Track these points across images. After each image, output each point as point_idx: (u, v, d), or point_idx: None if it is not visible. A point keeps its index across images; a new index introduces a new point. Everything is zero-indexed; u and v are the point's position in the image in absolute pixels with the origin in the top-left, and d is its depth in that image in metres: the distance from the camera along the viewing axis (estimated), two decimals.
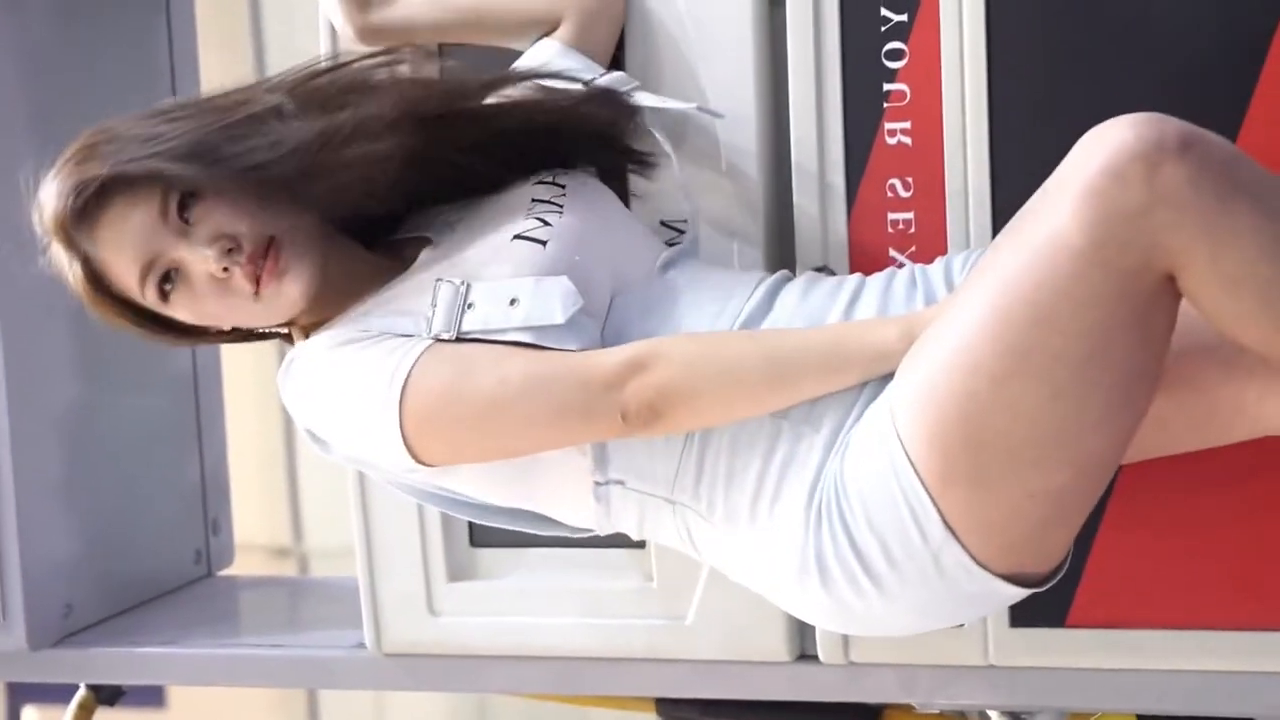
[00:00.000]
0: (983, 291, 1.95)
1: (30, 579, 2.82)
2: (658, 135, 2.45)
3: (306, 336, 2.28)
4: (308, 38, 2.72)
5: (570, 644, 2.71)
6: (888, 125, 2.51)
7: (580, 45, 2.49)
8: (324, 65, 2.32)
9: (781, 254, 2.56)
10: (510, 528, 2.40)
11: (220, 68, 3.50)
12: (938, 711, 2.80)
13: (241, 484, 3.08)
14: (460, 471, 2.20)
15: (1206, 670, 2.52)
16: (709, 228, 2.55)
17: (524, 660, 2.78)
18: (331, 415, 2.19)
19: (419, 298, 2.17)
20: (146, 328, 2.30)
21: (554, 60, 2.45)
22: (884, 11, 2.50)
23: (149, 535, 3.10)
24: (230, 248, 2.17)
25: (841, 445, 2.07)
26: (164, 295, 2.21)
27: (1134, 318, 1.93)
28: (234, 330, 2.35)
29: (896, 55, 2.50)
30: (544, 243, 2.18)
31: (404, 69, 2.35)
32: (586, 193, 2.33)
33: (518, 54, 2.53)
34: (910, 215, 2.49)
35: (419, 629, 2.77)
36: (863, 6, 2.51)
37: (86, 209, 2.17)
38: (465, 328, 2.10)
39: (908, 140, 2.51)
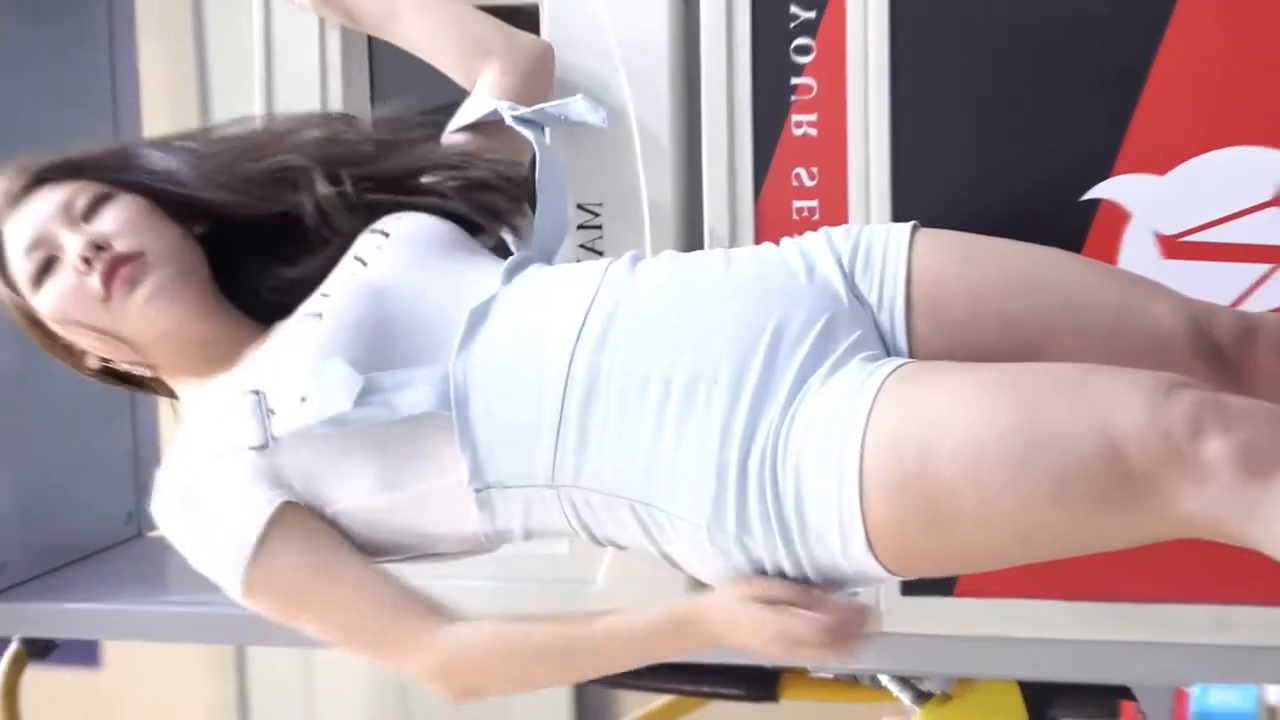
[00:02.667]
0: (1017, 408, 1.95)
1: None
2: (529, 135, 2.40)
3: (174, 394, 2.31)
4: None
5: (485, 607, 2.68)
6: (795, 117, 2.53)
7: (507, 90, 2.46)
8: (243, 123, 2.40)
9: (691, 240, 2.58)
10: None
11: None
12: (831, 675, 2.81)
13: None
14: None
15: (1085, 640, 2.55)
16: (624, 213, 2.56)
17: None
18: (194, 560, 2.21)
19: (239, 406, 2.14)
20: (29, 325, 2.29)
21: (469, 113, 2.45)
22: (793, 9, 2.51)
23: (82, 497, 3.10)
24: (100, 246, 2.18)
25: (779, 404, 2.04)
26: (37, 280, 2.21)
27: (1134, 539, 2.01)
28: (104, 368, 2.33)
29: (804, 50, 2.51)
30: (320, 315, 2.16)
31: (309, 133, 2.36)
32: (410, 234, 2.27)
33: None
34: (815, 203, 2.51)
35: None
36: (773, 3, 2.52)
37: (16, 193, 2.23)
38: (276, 433, 2.09)
39: (814, 132, 2.52)
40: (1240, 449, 1.85)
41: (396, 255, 2.22)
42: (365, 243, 2.25)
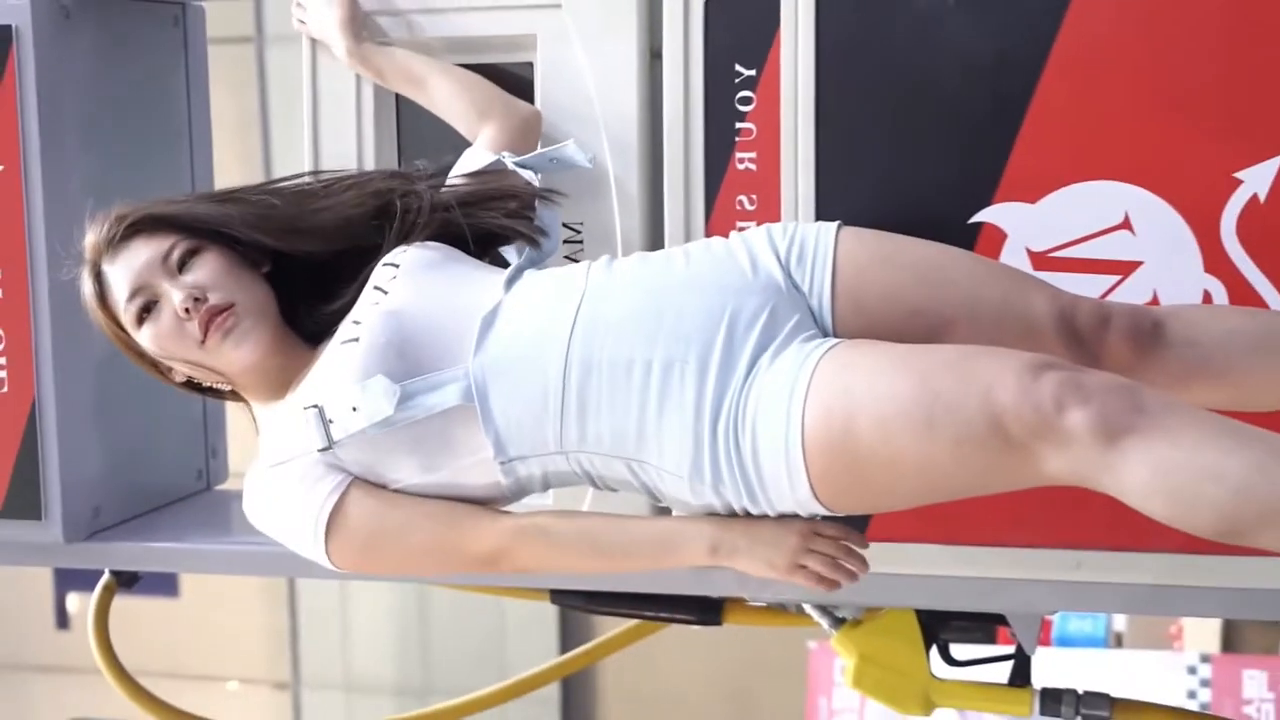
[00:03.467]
0: (921, 383, 1.98)
1: (66, 486, 2.79)
2: (533, 179, 2.40)
3: (251, 408, 2.29)
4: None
5: None
6: (738, 154, 2.50)
7: (504, 145, 2.45)
8: (308, 176, 2.39)
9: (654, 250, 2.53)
10: None
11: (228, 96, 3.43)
12: (764, 604, 2.79)
13: (235, 419, 3.02)
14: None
15: (970, 576, 2.55)
16: (603, 229, 2.54)
17: None
18: (282, 538, 2.20)
19: (304, 419, 2.13)
20: (126, 349, 2.29)
21: (475, 162, 2.43)
22: (738, 67, 2.49)
23: (162, 455, 3.07)
24: (198, 297, 2.17)
25: (739, 379, 2.07)
26: (139, 320, 2.21)
27: (1014, 486, 2.01)
28: (188, 381, 2.31)
29: (747, 101, 2.49)
30: (356, 340, 2.15)
31: (349, 191, 2.35)
32: (418, 264, 2.25)
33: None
34: (754, 224, 2.46)
35: None
36: (721, 63, 2.50)
37: (117, 237, 2.21)
38: (335, 438, 2.09)
39: (753, 166, 2.50)
40: (1095, 419, 1.88)
41: (409, 282, 2.21)
42: (380, 275, 2.24)
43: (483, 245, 2.36)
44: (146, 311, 2.20)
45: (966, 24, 2.40)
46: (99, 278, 2.23)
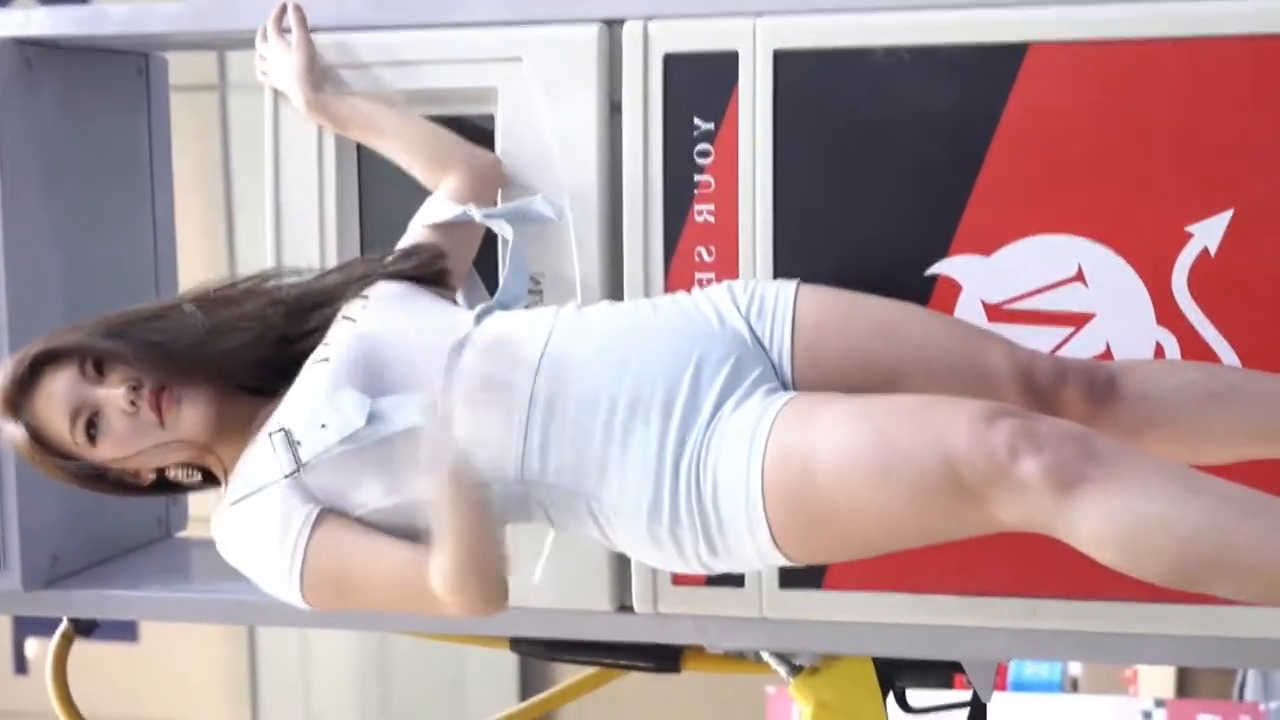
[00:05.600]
0: (876, 433, 1.99)
1: (25, 534, 2.78)
2: (500, 228, 2.41)
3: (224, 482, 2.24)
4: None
5: None
6: (697, 207, 2.52)
7: (466, 195, 2.45)
8: (218, 281, 2.31)
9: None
10: None
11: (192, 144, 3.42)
12: (722, 652, 2.79)
13: None
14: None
15: (926, 624, 2.55)
16: (563, 279, 2.55)
17: None
18: (255, 579, 2.19)
19: (272, 444, 2.13)
20: (85, 481, 2.25)
21: (442, 213, 2.43)
22: (696, 120, 2.50)
23: (121, 503, 2.99)
24: (135, 386, 2.15)
25: (702, 423, 2.08)
26: (91, 438, 2.16)
27: (971, 533, 2.03)
28: (160, 481, 2.28)
29: (705, 154, 2.50)
30: (326, 359, 2.15)
31: (270, 284, 2.32)
32: (388, 295, 2.26)
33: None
34: (712, 275, 2.50)
35: None
36: (680, 115, 2.51)
37: (24, 379, 2.17)
38: (305, 459, 2.08)
39: (712, 219, 2.51)
40: (1048, 467, 1.90)
41: (378, 309, 2.22)
42: (350, 307, 2.24)
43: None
44: (93, 426, 2.16)
45: (922, 79, 2.42)
46: (23, 422, 2.18)
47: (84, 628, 2.98)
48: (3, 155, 2.69)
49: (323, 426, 2.08)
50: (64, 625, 2.97)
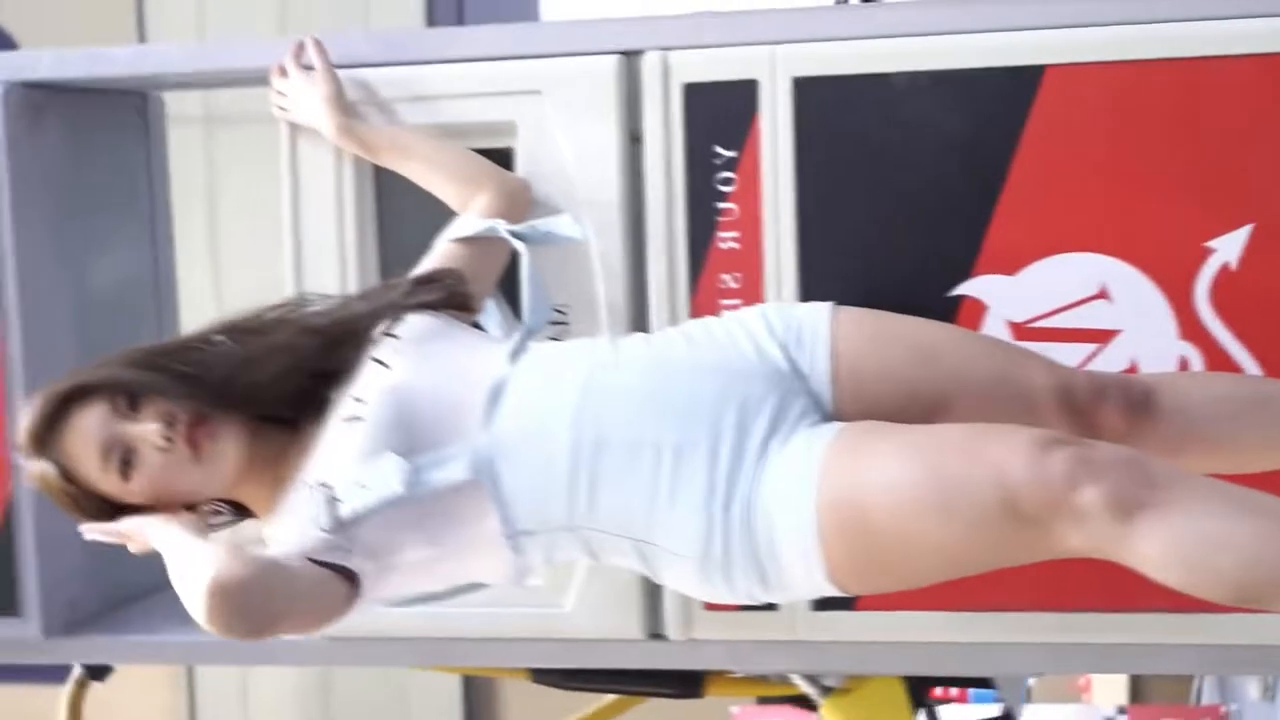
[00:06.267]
0: (932, 468, 2.00)
1: (45, 581, 2.76)
2: (522, 250, 2.38)
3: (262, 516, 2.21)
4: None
5: (480, 631, 2.68)
6: (721, 234, 2.54)
7: (496, 215, 2.45)
8: (246, 312, 2.28)
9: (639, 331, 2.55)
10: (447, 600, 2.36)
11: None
12: (743, 675, 2.81)
13: None
14: (394, 580, 2.13)
15: (958, 642, 2.57)
16: (588, 311, 2.56)
17: (434, 640, 2.74)
18: None
19: (311, 499, 2.08)
20: (112, 520, 2.18)
21: (469, 227, 2.43)
22: (717, 148, 2.52)
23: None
24: (170, 421, 2.11)
25: (750, 464, 2.08)
26: (124, 475, 2.11)
27: (1030, 560, 2.04)
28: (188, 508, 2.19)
29: (727, 182, 2.52)
30: (360, 418, 2.12)
31: (300, 313, 2.30)
32: (419, 334, 2.24)
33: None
34: (738, 302, 2.52)
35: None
36: (702, 144, 2.54)
37: (53, 417, 2.12)
38: (343, 516, 2.04)
39: (736, 245, 2.53)
40: (1108, 495, 1.91)
41: (410, 354, 2.19)
42: (381, 348, 2.21)
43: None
44: (128, 464, 2.11)
45: (941, 104, 2.46)
46: (52, 460, 2.13)
47: (97, 672, 2.95)
48: (14, 190, 2.69)
49: (363, 488, 2.06)
50: (77, 671, 2.95)
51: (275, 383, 2.19)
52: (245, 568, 1.91)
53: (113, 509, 2.16)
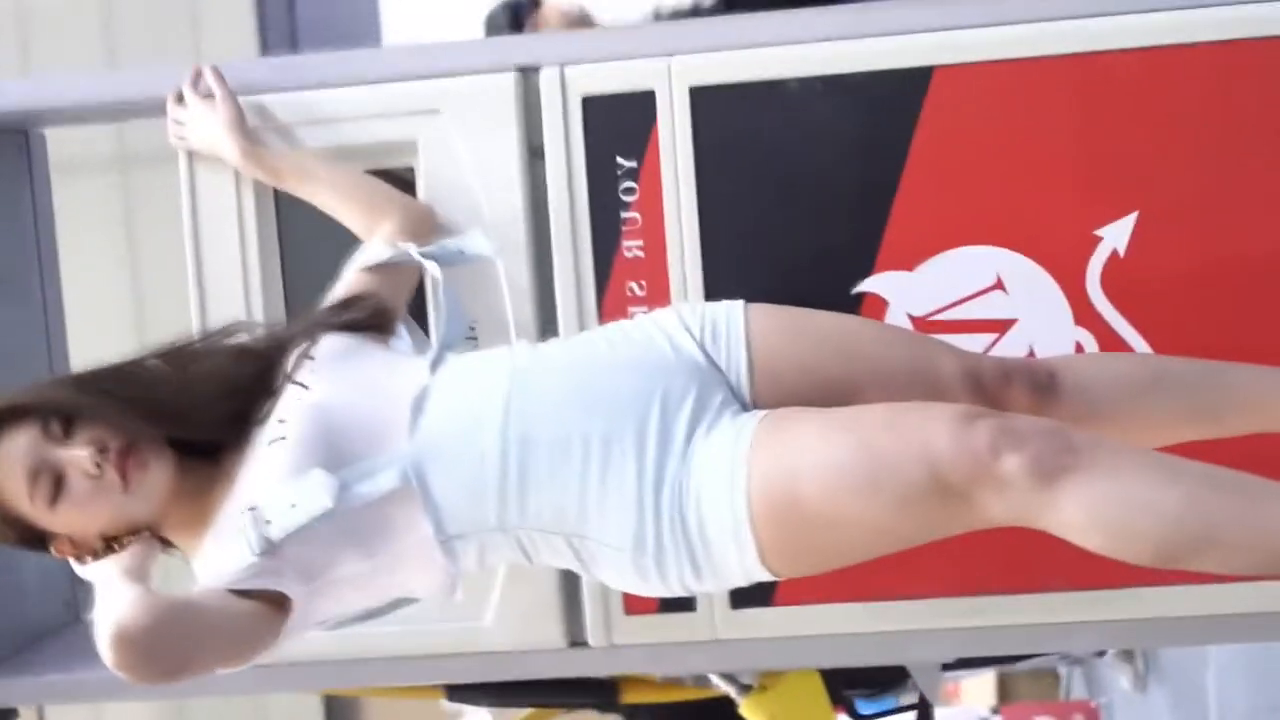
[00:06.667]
0: (859, 446, 2.04)
1: None
2: (431, 271, 2.42)
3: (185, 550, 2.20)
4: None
5: (397, 649, 2.67)
6: (625, 243, 2.58)
7: (403, 239, 2.46)
8: (178, 339, 2.29)
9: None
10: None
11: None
12: (660, 678, 2.84)
13: None
14: (330, 598, 2.14)
15: (874, 632, 2.62)
16: (497, 326, 2.55)
17: (349, 662, 2.72)
18: None
19: (240, 524, 2.09)
20: (29, 544, 2.18)
21: (380, 254, 2.44)
22: (618, 159, 2.57)
23: (28, 587, 2.98)
24: (102, 448, 2.10)
25: (677, 452, 2.11)
26: (51, 500, 2.10)
27: (956, 531, 2.09)
28: (108, 544, 2.17)
29: (630, 191, 2.57)
30: (284, 438, 2.14)
31: (233, 339, 2.31)
32: (335, 353, 2.26)
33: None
34: (644, 309, 2.55)
35: None
36: (602, 155, 2.58)
37: None
38: (274, 538, 2.05)
39: (641, 254, 2.58)
40: (1030, 462, 1.98)
41: (327, 373, 2.21)
42: (300, 369, 2.23)
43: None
44: (56, 489, 2.10)
45: (835, 107, 2.53)
46: None
47: (2, 716, 2.90)
48: None
49: (292, 506, 2.06)
50: None
51: (209, 406, 2.20)
52: (150, 613, 1.90)
53: (33, 535, 2.15)
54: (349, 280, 2.45)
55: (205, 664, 1.98)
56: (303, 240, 2.68)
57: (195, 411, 2.19)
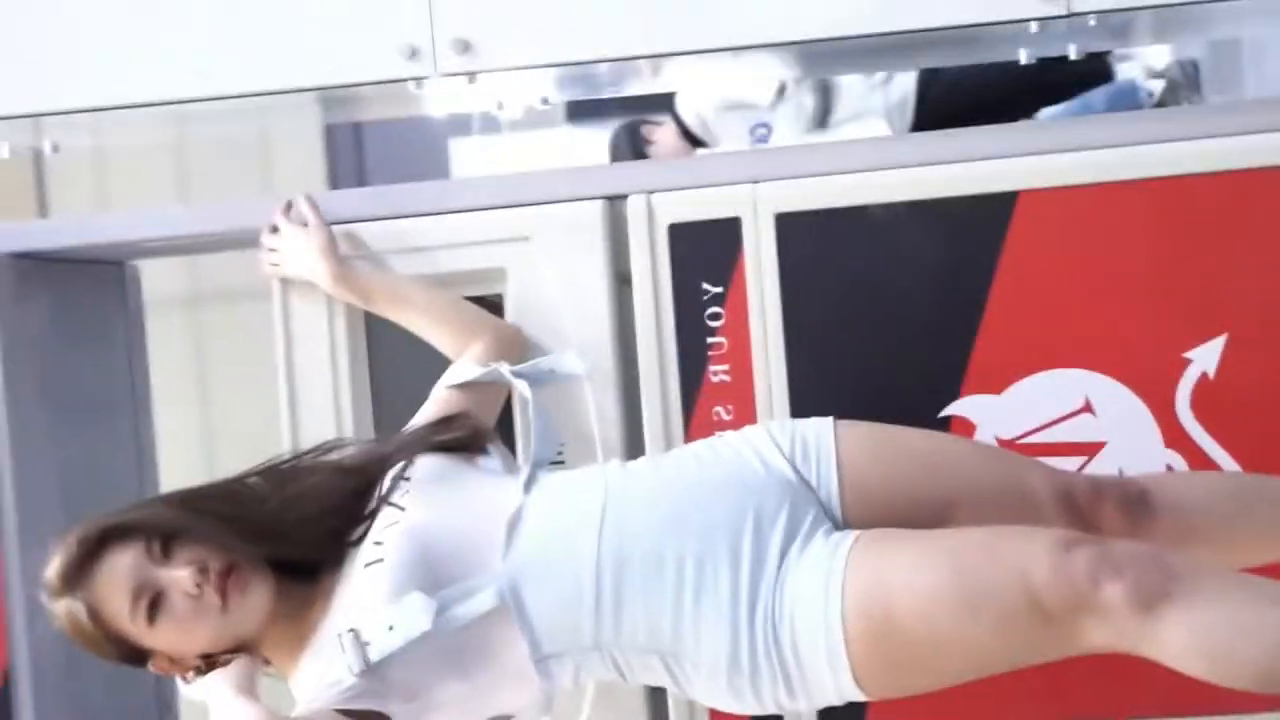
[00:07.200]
0: (956, 570, 2.04)
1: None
2: (521, 390, 2.46)
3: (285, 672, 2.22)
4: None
5: None
6: (712, 368, 2.60)
7: (492, 360, 2.50)
8: (279, 457, 2.34)
9: None
10: None
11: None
12: None
13: None
14: (429, 717, 2.14)
15: None
16: (584, 450, 2.57)
17: None
18: None
19: (335, 647, 2.11)
20: (129, 661, 2.20)
21: (470, 373, 2.48)
22: (705, 285, 2.60)
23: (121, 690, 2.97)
24: (202, 569, 2.12)
25: (771, 570, 2.12)
26: (150, 619, 2.12)
27: (1057, 657, 2.08)
28: (207, 662, 2.20)
29: (716, 317, 2.59)
30: (381, 560, 2.16)
31: (332, 456, 2.36)
32: (430, 475, 2.29)
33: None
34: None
35: None
36: (688, 282, 2.61)
37: (86, 558, 2.13)
38: (373, 659, 2.07)
39: (727, 378, 2.59)
40: (1130, 589, 1.97)
41: (423, 495, 2.23)
42: (395, 491, 2.25)
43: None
44: (155, 607, 2.12)
45: (920, 232, 2.56)
46: (81, 600, 2.13)
47: None
48: (5, 364, 2.72)
49: (390, 628, 2.08)
50: None
51: (309, 524, 2.23)
52: None
53: (132, 651, 2.17)
54: (439, 398, 2.48)
55: None
56: (392, 364, 2.71)
57: (295, 530, 2.22)
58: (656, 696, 2.61)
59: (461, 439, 2.38)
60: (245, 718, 2.00)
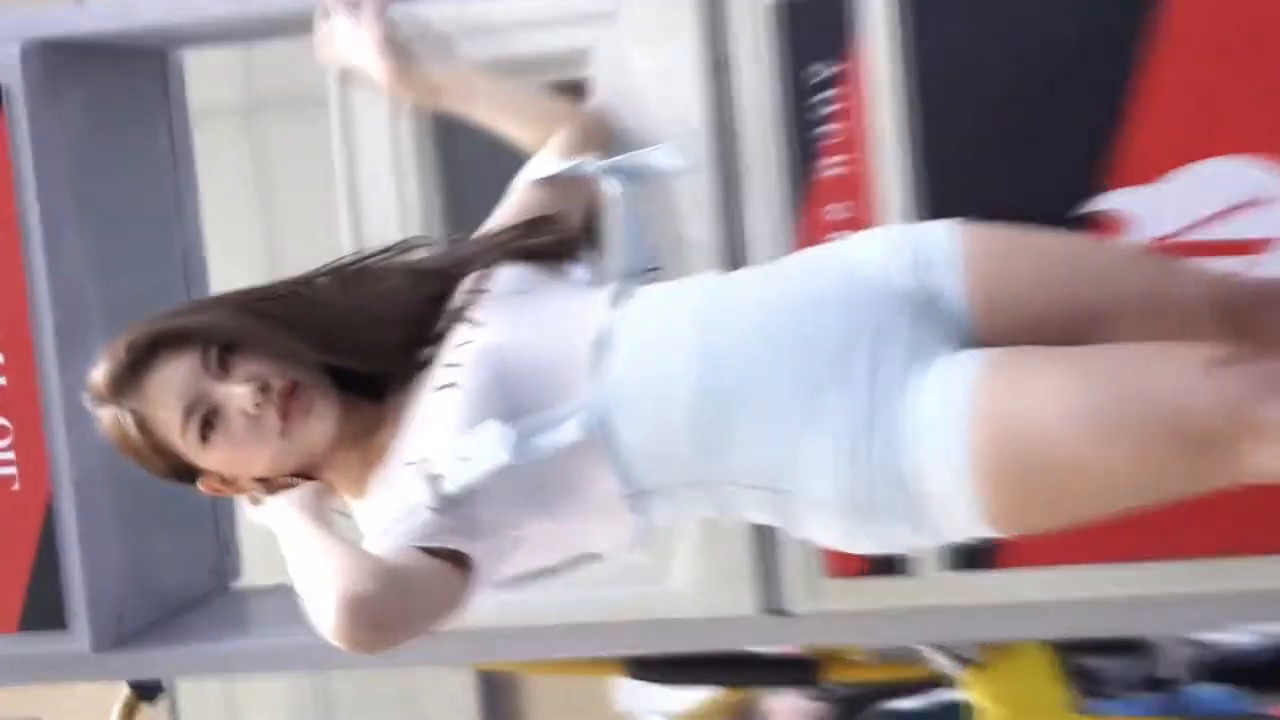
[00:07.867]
0: (1098, 390, 1.82)
1: (91, 592, 2.56)
2: (609, 188, 2.19)
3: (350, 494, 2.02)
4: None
5: (578, 616, 2.45)
6: (824, 160, 2.35)
7: (577, 152, 2.25)
8: (349, 256, 2.12)
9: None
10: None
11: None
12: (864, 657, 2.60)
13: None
14: (510, 559, 1.95)
15: (1108, 598, 2.36)
16: (678, 254, 2.35)
17: (520, 631, 2.49)
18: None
19: (406, 478, 1.90)
20: (181, 480, 2.00)
21: (553, 167, 2.23)
22: (815, 66, 2.34)
23: (177, 554, 2.83)
24: (263, 387, 1.91)
25: (890, 396, 1.87)
26: (204, 437, 1.92)
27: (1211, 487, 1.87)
28: (263, 485, 2.01)
29: (827, 102, 2.34)
30: (454, 384, 1.93)
31: (407, 257, 2.12)
32: (511, 288, 2.06)
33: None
34: (848, 233, 2.28)
35: None
36: (796, 62, 2.34)
37: (136, 365, 1.93)
38: (449, 493, 1.85)
39: (842, 172, 2.35)
40: None
41: (503, 310, 2.00)
42: (470, 304, 2.02)
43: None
44: (209, 425, 1.92)
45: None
46: (129, 409, 1.94)
47: (148, 693, 2.73)
48: (37, 168, 2.50)
49: (465, 460, 1.86)
50: (126, 694, 2.73)
51: (381, 332, 2.02)
52: (377, 581, 1.74)
53: (182, 468, 1.98)
54: (517, 195, 2.24)
55: (419, 630, 1.82)
56: (466, 166, 2.49)
57: (366, 338, 2.00)
58: (764, 536, 2.38)
59: (550, 245, 2.14)
60: (323, 552, 1.79)
